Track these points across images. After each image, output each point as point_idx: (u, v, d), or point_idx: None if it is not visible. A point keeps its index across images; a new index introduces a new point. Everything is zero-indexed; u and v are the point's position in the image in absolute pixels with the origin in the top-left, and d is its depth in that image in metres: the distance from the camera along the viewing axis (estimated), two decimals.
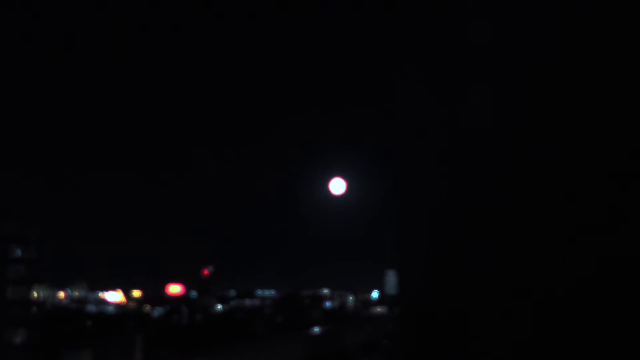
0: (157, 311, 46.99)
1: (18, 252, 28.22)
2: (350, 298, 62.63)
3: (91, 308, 47.24)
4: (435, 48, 4.68)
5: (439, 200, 4.83)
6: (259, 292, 61.91)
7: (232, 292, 59.72)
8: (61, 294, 53.37)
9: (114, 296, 54.88)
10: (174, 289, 54.17)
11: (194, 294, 55.21)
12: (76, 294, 54.50)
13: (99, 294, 54.95)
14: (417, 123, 5.24)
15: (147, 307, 50.44)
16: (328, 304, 57.25)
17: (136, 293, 57.13)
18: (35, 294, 31.12)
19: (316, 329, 16.07)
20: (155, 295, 54.57)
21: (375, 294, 61.92)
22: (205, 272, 55.93)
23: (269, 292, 61.50)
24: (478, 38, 4.21)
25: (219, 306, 53.42)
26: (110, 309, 48.59)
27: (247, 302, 55.50)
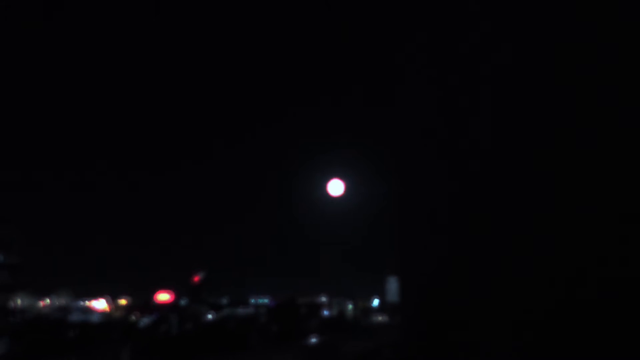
0: (145, 320, 46.90)
1: (0, 257, 28.11)
2: (350, 306, 62.69)
3: (75, 317, 47.09)
4: (439, 45, 4.68)
5: (442, 203, 4.81)
6: (253, 299, 61.91)
7: (224, 300, 59.79)
8: (44, 302, 53.25)
9: (100, 304, 54.78)
10: (163, 296, 53.96)
11: (183, 301, 55.01)
12: (59, 302, 54.33)
13: (84, 302, 54.82)
14: (420, 122, 5.22)
15: (135, 316, 50.37)
16: (326, 312, 57.29)
17: (123, 301, 57.17)
18: (16, 302, 30.94)
19: (313, 339, 16.09)
20: (143, 303, 54.48)
21: (375, 302, 62.01)
22: (196, 278, 55.69)
23: (264, 300, 61.51)
24: (482, 36, 4.19)
25: (211, 314, 53.33)
26: (95, 317, 48.46)
27: (240, 310, 55.47)
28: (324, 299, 61.81)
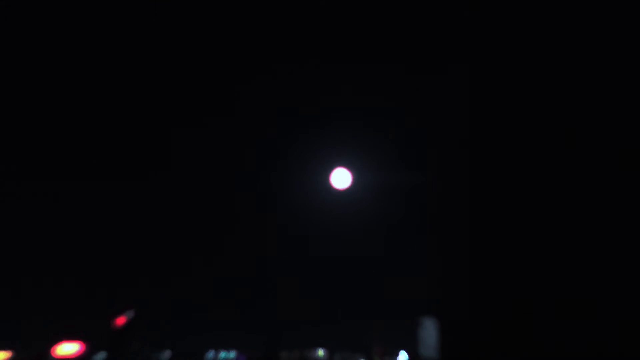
0: None
1: None
2: None
3: None
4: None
5: (497, 201, 5.60)
6: (211, 353, 62.45)
7: (166, 354, 60.47)
8: None
9: None
10: (67, 348, 54.84)
11: (100, 357, 56.06)
12: None
13: None
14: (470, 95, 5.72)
15: None
16: None
17: (2, 355, 57.90)
18: None
19: None
20: (35, 358, 55.72)
21: (402, 358, 62.38)
22: (120, 321, 56.63)
23: (228, 354, 62.02)
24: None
25: None
26: None
27: None
28: (321, 353, 62.39)
